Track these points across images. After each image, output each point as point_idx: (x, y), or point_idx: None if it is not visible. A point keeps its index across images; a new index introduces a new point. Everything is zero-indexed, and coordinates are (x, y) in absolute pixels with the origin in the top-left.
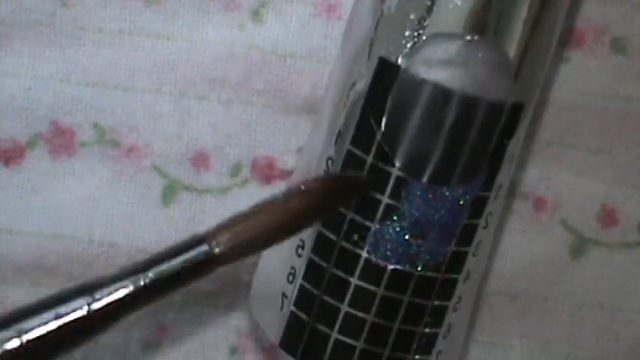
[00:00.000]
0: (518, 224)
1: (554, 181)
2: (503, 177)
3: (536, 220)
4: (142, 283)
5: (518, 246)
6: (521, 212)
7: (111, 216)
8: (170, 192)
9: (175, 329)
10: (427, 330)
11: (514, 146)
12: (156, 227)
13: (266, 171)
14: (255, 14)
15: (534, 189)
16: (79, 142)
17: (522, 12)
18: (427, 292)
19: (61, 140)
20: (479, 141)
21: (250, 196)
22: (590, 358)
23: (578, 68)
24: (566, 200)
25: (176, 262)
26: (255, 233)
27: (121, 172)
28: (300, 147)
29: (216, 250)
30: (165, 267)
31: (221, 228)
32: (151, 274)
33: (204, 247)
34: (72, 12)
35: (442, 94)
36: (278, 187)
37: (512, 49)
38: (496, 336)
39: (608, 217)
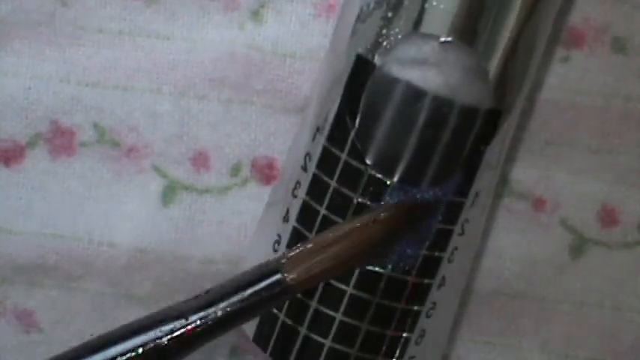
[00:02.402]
0: (517, 224)
1: (553, 181)
2: (481, 184)
3: (536, 220)
4: (218, 314)
5: (518, 246)
6: (521, 212)
7: (111, 216)
8: (170, 192)
9: None
10: (397, 334)
11: (495, 155)
12: (156, 227)
13: (266, 171)
14: (255, 14)
15: (534, 189)
16: (78, 142)
17: (507, 20)
18: (397, 295)
19: (61, 140)
20: (451, 144)
21: (250, 196)
22: (590, 357)
23: (578, 68)
24: (566, 200)
25: (250, 292)
26: (327, 265)
27: (120, 172)
28: None
29: (291, 280)
30: (240, 297)
31: (294, 258)
32: (226, 306)
33: (277, 277)
34: (72, 12)
35: (414, 94)
36: None
37: (494, 56)
38: (496, 336)
39: (608, 217)
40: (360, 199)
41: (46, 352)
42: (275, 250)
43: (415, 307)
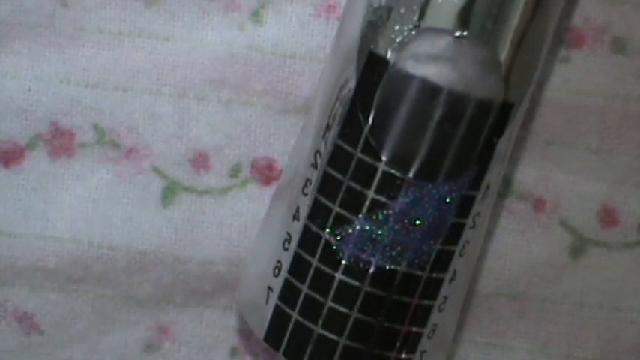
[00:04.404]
0: (517, 225)
1: (553, 181)
2: (491, 177)
3: (536, 221)
4: None
5: (518, 246)
6: (521, 213)
7: (110, 217)
8: (170, 193)
9: (175, 329)
10: (411, 329)
11: (504, 146)
12: (155, 229)
13: (266, 172)
14: (255, 15)
15: (534, 189)
16: (78, 144)
17: (515, 11)
18: (411, 290)
19: (60, 141)
20: (466, 138)
21: (250, 197)
22: (590, 358)
23: (578, 68)
24: (566, 200)
25: None
26: None
27: (120, 173)
28: None
29: None
30: None
31: None
32: None
33: None
34: (71, 13)
35: (429, 90)
36: None
37: (504, 48)
38: (496, 337)
39: (608, 217)
40: (374, 196)
41: (47, 355)
42: (285, 249)
43: (428, 302)
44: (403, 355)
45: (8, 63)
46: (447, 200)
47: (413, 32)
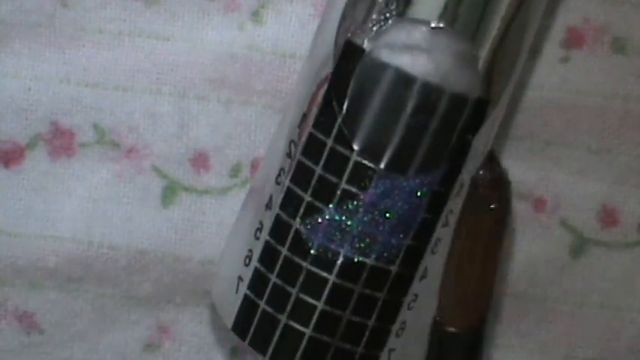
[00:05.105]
0: (518, 225)
1: (553, 181)
2: (467, 175)
3: (536, 221)
4: None
5: (518, 246)
6: (521, 213)
7: (110, 217)
8: (170, 193)
9: (175, 329)
10: (378, 324)
11: (481, 145)
12: (155, 228)
13: None
14: (255, 15)
15: (534, 189)
16: (78, 143)
17: (498, 6)
18: (380, 285)
19: (60, 141)
20: (439, 132)
21: None
22: (590, 358)
23: (578, 68)
24: (566, 200)
25: None
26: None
27: (120, 173)
28: None
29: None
30: None
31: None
32: None
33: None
34: (72, 13)
35: (403, 80)
36: None
37: (485, 43)
38: (496, 336)
39: (608, 217)
40: (345, 186)
41: (47, 354)
42: (257, 238)
43: (397, 298)
44: (369, 352)
45: (8, 63)
46: (418, 194)
47: (390, 21)
